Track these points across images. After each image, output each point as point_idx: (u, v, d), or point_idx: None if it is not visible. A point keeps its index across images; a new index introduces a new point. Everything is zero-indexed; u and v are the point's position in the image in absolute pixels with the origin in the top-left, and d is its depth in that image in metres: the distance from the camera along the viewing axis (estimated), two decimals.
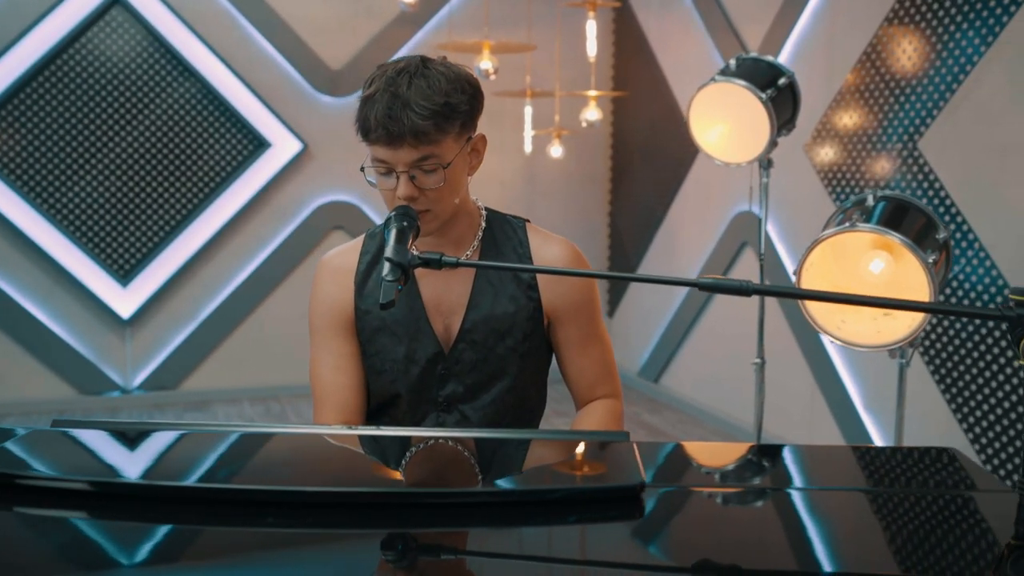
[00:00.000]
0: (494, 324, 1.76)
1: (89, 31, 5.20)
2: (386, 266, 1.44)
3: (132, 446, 1.44)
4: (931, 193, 3.75)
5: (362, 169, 1.66)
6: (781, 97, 3.06)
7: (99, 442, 1.43)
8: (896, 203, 2.69)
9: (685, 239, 5.55)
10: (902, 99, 3.88)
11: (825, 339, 2.66)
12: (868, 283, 2.70)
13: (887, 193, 2.67)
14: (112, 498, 1.22)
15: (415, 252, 1.47)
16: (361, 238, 1.86)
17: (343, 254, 1.84)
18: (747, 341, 4.77)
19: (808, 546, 1.22)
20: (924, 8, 3.76)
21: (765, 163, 3.19)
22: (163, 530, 1.18)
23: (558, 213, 6.22)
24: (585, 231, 6.34)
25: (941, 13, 3.68)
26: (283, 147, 5.59)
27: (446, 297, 1.78)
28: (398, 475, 1.40)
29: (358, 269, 1.81)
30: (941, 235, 2.59)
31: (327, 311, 1.81)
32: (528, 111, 5.37)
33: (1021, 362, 1.24)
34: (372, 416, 1.86)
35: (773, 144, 3.08)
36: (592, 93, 4.92)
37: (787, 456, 1.56)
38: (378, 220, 5.83)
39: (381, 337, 1.78)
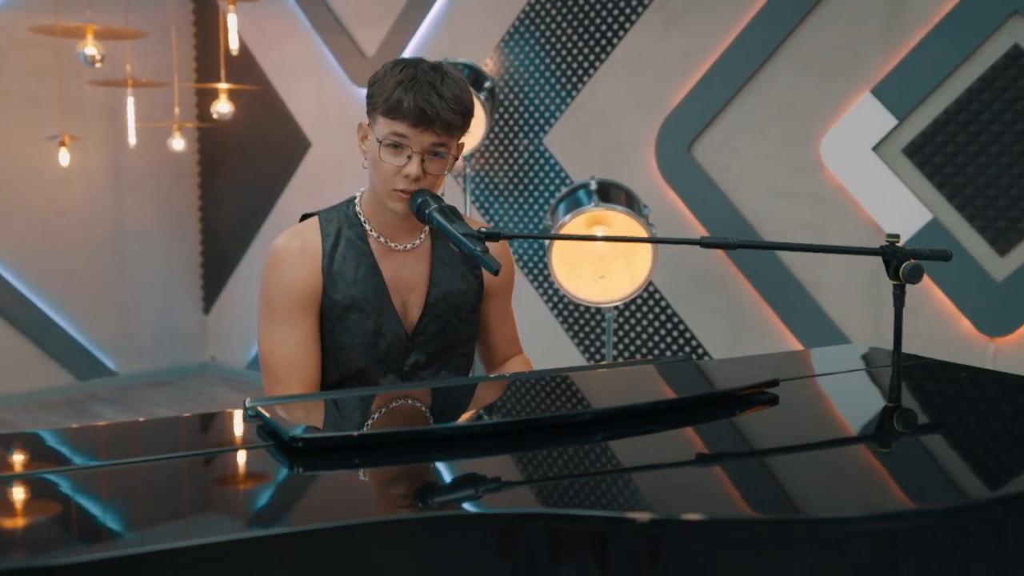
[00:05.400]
0: (452, 299, 1.97)
1: None
2: (470, 240, 1.63)
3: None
4: (557, 182, 4.50)
5: (379, 141, 1.79)
6: (489, 98, 3.52)
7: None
8: (605, 185, 3.33)
9: None
10: (526, 102, 4.57)
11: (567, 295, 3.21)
12: (593, 253, 3.30)
13: (600, 179, 3.29)
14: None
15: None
16: (314, 221, 1.93)
17: (303, 236, 1.90)
18: None
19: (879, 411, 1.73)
20: (542, 26, 4.48)
21: (468, 156, 3.63)
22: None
23: (149, 208, 5.98)
24: (175, 226, 6.18)
25: (559, 32, 4.43)
26: None
27: (404, 275, 1.95)
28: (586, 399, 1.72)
29: (323, 251, 1.89)
30: (645, 210, 3.27)
31: (296, 292, 1.86)
32: (131, 101, 5.13)
33: (895, 282, 1.87)
34: (334, 389, 1.95)
35: (484, 139, 3.54)
36: (223, 86, 4.89)
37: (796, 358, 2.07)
38: None
39: (352, 314, 1.89)
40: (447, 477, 1.28)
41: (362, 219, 1.93)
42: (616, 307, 4.32)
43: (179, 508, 1.10)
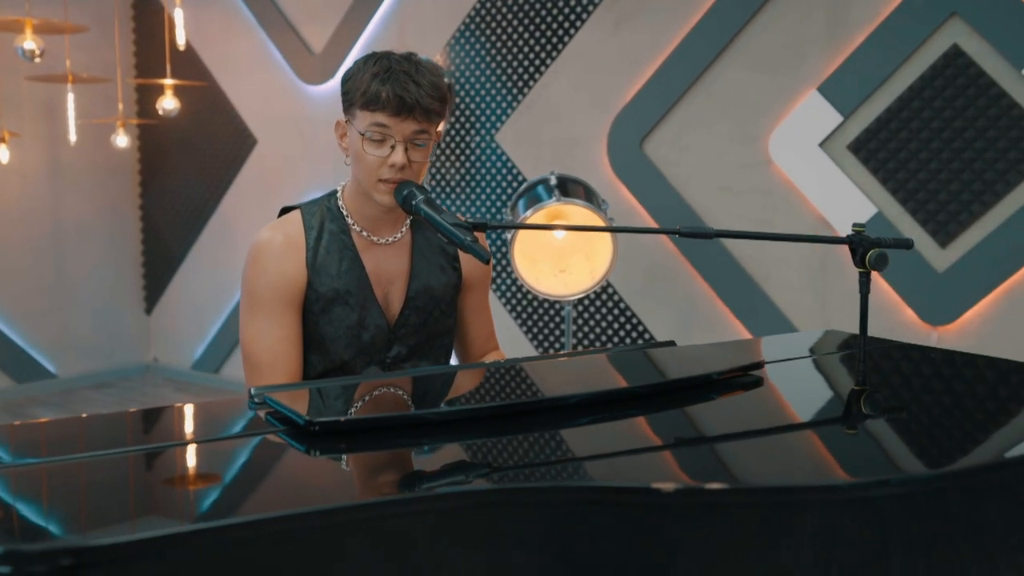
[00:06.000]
0: (432, 292, 2.00)
1: None
2: (459, 231, 1.66)
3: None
4: (509, 178, 4.54)
5: (361, 135, 1.81)
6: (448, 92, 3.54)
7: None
8: (564, 180, 3.38)
9: (246, 228, 5.66)
10: (478, 99, 4.60)
11: (527, 288, 3.25)
12: (553, 248, 3.35)
13: (560, 173, 3.34)
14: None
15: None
16: (296, 215, 1.94)
17: (286, 230, 1.91)
18: None
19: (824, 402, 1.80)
20: (493, 23, 4.52)
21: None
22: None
23: (89, 206, 5.86)
24: (116, 225, 6.06)
25: (510, 29, 4.47)
26: None
27: (385, 268, 1.97)
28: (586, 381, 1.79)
29: (307, 244, 1.90)
30: (604, 205, 3.33)
31: (281, 286, 1.87)
32: (71, 98, 5.02)
33: (860, 270, 1.95)
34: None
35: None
36: (168, 82, 4.82)
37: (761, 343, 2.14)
38: None
39: (336, 307, 1.91)
40: (470, 457, 1.31)
41: (344, 213, 1.94)
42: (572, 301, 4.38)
43: (202, 493, 1.11)
